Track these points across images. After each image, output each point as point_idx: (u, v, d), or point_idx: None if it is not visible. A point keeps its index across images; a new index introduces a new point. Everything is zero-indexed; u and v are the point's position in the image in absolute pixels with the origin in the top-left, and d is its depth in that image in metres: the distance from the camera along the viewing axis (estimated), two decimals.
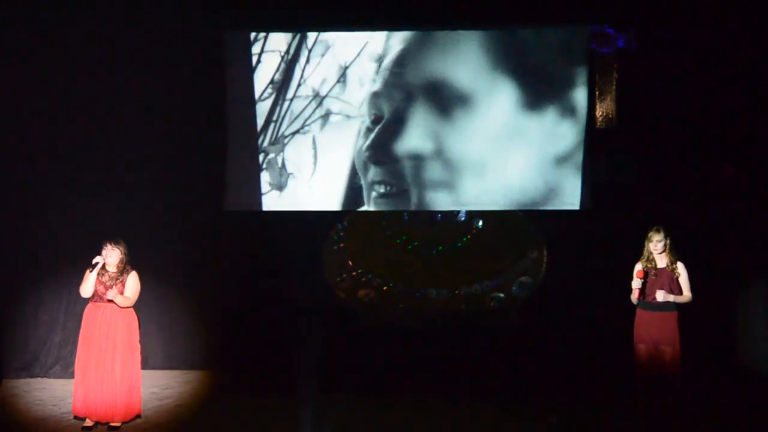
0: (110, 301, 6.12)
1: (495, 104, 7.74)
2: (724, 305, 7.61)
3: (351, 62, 7.83)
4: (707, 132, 7.61)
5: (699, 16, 7.47)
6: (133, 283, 6.21)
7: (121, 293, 6.15)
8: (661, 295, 5.82)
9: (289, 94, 7.89)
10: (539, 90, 7.70)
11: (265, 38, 7.88)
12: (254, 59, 7.87)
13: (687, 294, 5.92)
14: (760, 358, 7.49)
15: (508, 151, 7.77)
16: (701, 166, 7.63)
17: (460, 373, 7.67)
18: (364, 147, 7.82)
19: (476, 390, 7.26)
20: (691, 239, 6.81)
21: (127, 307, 6.22)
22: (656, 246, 5.92)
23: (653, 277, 5.90)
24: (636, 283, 5.89)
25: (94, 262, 6.12)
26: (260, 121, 7.92)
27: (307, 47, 7.86)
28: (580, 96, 7.69)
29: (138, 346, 6.31)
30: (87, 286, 6.13)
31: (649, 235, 5.96)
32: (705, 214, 7.58)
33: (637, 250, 6.07)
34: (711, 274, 7.09)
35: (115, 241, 6.18)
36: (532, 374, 7.62)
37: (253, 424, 6.41)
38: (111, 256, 6.14)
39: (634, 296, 5.97)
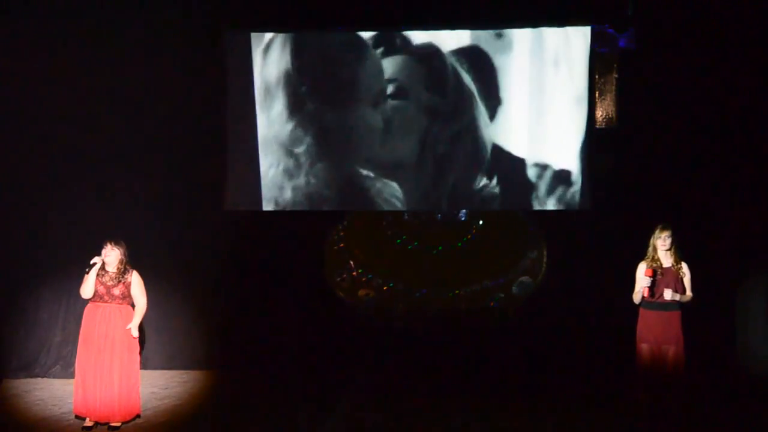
0: (112, 301, 6.14)
1: (495, 104, 7.74)
2: (723, 305, 7.60)
3: (351, 62, 7.82)
4: (707, 132, 7.61)
5: (699, 16, 7.47)
6: (139, 288, 6.23)
7: (124, 294, 6.16)
8: (668, 294, 5.82)
9: (289, 94, 7.88)
10: (539, 90, 7.70)
11: (265, 38, 7.88)
12: (254, 59, 7.87)
13: (689, 294, 5.96)
14: (759, 359, 7.48)
15: (508, 151, 7.77)
16: (701, 166, 7.63)
17: (459, 373, 7.67)
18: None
19: (476, 389, 7.26)
20: (691, 239, 6.80)
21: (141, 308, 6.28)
22: (665, 242, 5.91)
23: (660, 277, 5.90)
24: (645, 282, 5.88)
25: (92, 262, 6.12)
26: (260, 121, 7.91)
27: (307, 47, 7.85)
28: (580, 96, 7.69)
29: (137, 346, 6.31)
30: (87, 287, 6.14)
31: (657, 232, 5.95)
32: (705, 213, 7.57)
33: (637, 250, 6.07)
34: (710, 274, 7.08)
35: (115, 241, 6.18)
36: (532, 374, 7.61)
37: (254, 423, 6.40)
38: (111, 255, 6.14)
39: (637, 296, 5.97)
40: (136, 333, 6.19)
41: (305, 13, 7.75)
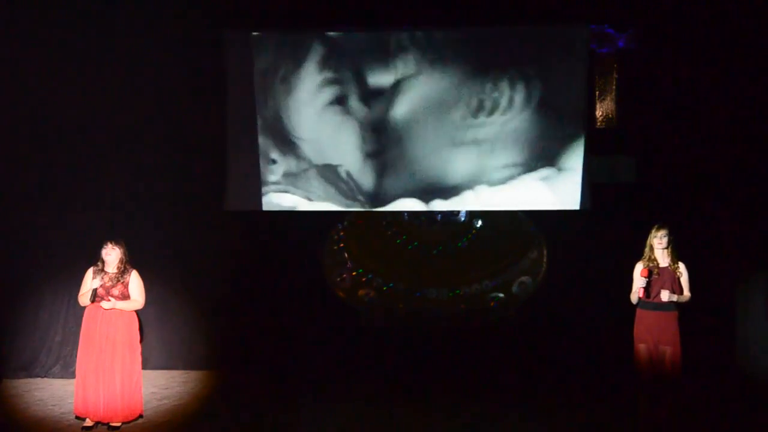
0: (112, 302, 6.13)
1: (495, 104, 7.75)
2: (723, 305, 7.61)
3: (351, 62, 7.83)
4: (707, 132, 7.61)
5: (699, 16, 7.47)
6: (137, 284, 6.21)
7: (123, 294, 6.15)
8: (665, 295, 5.82)
9: (289, 94, 7.89)
10: (539, 90, 7.70)
11: (265, 38, 7.88)
12: (254, 59, 7.87)
13: (687, 293, 5.96)
14: (759, 358, 7.48)
15: (508, 151, 7.78)
16: (701, 166, 7.63)
17: (459, 373, 7.67)
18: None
19: (476, 390, 7.26)
20: (691, 239, 6.81)
21: (136, 309, 6.25)
22: (661, 241, 5.91)
23: (656, 277, 5.90)
24: (641, 282, 5.89)
25: (92, 287, 6.09)
26: (260, 121, 7.92)
27: (307, 47, 7.85)
28: (580, 96, 7.69)
29: (138, 347, 6.31)
30: (86, 299, 6.14)
31: (653, 231, 5.95)
32: (704, 214, 7.57)
33: (636, 250, 6.07)
34: (710, 274, 7.09)
35: (115, 241, 6.19)
36: (531, 374, 7.62)
37: (253, 424, 6.40)
38: (111, 255, 6.14)
39: (634, 296, 5.97)
40: (108, 306, 6.07)
41: (305, 13, 7.75)
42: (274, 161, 7.91)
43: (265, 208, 7.96)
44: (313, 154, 7.91)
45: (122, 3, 7.66)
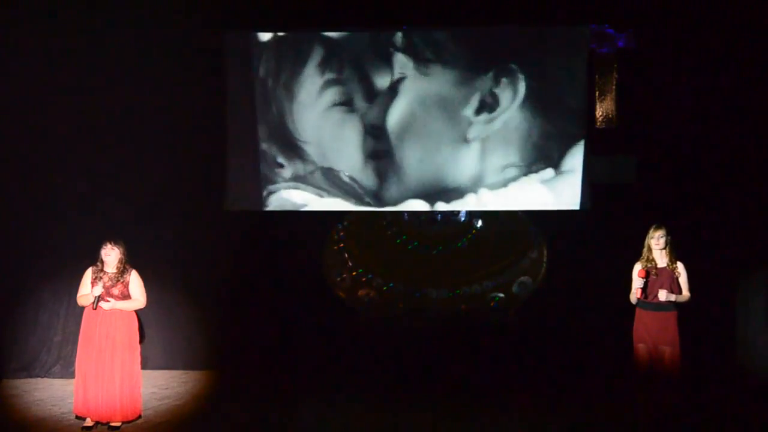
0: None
1: (494, 104, 7.75)
2: (723, 305, 7.60)
3: (351, 62, 7.83)
4: (707, 132, 7.61)
5: (699, 16, 7.47)
6: (137, 283, 6.22)
7: (123, 294, 6.15)
8: (663, 295, 5.83)
9: (289, 94, 7.89)
10: (539, 89, 7.71)
11: (265, 38, 7.88)
12: (254, 59, 7.87)
13: (686, 293, 5.95)
14: (759, 358, 7.48)
15: (508, 152, 7.78)
16: (701, 166, 7.63)
17: (459, 373, 7.66)
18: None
19: (476, 390, 7.26)
20: (691, 239, 6.81)
21: (139, 308, 6.27)
22: (658, 241, 5.92)
23: (654, 277, 5.90)
24: (638, 283, 5.90)
25: (95, 294, 6.09)
26: (260, 121, 7.92)
27: (307, 47, 7.85)
28: (580, 96, 7.69)
29: (138, 346, 6.31)
30: (86, 302, 6.14)
31: (650, 231, 5.96)
32: (704, 213, 7.57)
33: (637, 250, 6.07)
34: (710, 274, 7.09)
35: (114, 241, 6.19)
36: (532, 374, 7.61)
37: (253, 424, 6.41)
38: (111, 255, 6.15)
39: (633, 296, 5.98)
40: (107, 306, 6.09)
41: (305, 13, 7.75)
42: (281, 165, 7.90)
43: (275, 205, 7.93)
44: (318, 155, 7.89)
45: (123, 3, 7.66)
